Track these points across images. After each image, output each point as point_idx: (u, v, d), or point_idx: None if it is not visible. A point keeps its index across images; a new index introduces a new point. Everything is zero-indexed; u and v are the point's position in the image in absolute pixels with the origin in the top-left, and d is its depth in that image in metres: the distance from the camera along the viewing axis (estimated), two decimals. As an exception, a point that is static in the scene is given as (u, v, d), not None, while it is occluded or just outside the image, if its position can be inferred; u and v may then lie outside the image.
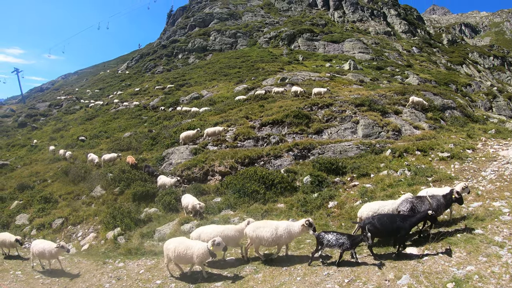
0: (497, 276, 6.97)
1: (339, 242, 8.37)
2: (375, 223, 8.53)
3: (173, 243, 9.37)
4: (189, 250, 9.08)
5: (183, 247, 9.14)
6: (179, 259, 9.29)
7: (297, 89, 27.79)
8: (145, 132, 28.04)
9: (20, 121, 49.85)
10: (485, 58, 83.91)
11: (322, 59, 54.73)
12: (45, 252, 11.17)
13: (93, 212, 16.47)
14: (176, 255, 9.17)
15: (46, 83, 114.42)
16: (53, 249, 11.08)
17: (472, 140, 18.36)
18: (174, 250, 9.20)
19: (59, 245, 11.09)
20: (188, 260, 9.18)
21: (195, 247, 9.07)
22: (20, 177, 23.77)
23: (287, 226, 9.27)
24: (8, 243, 13.38)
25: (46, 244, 11.37)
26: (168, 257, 9.44)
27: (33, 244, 11.74)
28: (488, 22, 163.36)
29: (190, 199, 13.74)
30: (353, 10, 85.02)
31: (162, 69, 66.61)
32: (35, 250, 11.46)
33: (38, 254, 11.44)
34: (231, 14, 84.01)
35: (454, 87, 45.88)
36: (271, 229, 9.22)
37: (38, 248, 11.34)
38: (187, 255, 9.08)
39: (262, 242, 9.32)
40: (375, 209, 9.71)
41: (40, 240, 12.25)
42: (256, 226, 9.43)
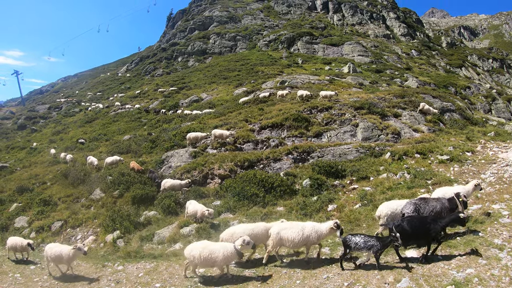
0: (496, 278, 6.96)
1: (368, 245, 8.08)
2: (405, 225, 8.33)
3: (197, 248, 9.13)
4: (214, 253, 8.92)
5: (207, 252, 8.96)
6: (205, 263, 9.09)
7: (303, 93, 27.33)
8: (144, 135, 28.04)
9: (19, 123, 49.80)
10: (484, 61, 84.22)
11: (322, 62, 54.79)
12: (62, 256, 10.82)
13: (93, 215, 16.45)
14: (203, 259, 8.97)
15: (46, 85, 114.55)
16: (70, 251, 10.74)
17: (472, 143, 18.37)
18: (199, 255, 8.99)
19: (75, 247, 10.73)
20: (214, 263, 9.00)
21: (221, 250, 8.93)
22: (20, 179, 23.74)
23: (314, 226, 9.08)
24: (19, 247, 13.13)
25: (63, 248, 11.00)
26: (193, 263, 9.23)
27: (48, 248, 11.31)
28: (487, 25, 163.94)
29: (197, 206, 13.37)
30: (352, 13, 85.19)
31: (162, 72, 66.69)
32: (50, 254, 11.05)
33: (54, 258, 11.03)
34: (230, 17, 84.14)
35: (453, 90, 45.93)
36: (297, 230, 9.03)
37: (54, 252, 10.96)
38: (212, 259, 8.92)
39: (287, 244, 9.11)
40: (394, 208, 9.70)
41: (54, 243, 11.86)
42: (282, 227, 9.24)
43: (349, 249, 8.26)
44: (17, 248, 13.23)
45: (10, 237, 13.82)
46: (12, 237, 13.68)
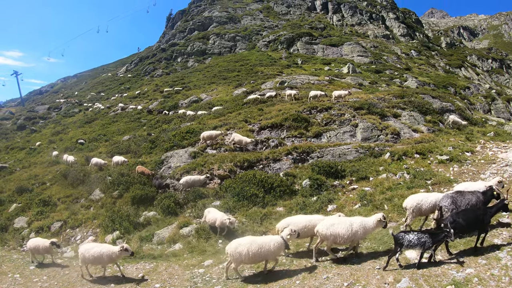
0: (496, 278, 6.95)
1: (421, 242, 7.87)
2: (460, 220, 8.25)
3: (244, 244, 8.77)
4: (265, 247, 8.73)
5: (256, 246, 8.70)
6: (254, 259, 8.83)
7: (316, 93, 26.93)
8: (144, 135, 28.03)
9: (19, 123, 49.76)
10: (484, 61, 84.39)
11: (321, 62, 54.84)
12: (103, 257, 10.03)
13: (92, 215, 16.42)
14: (252, 255, 8.68)
15: (45, 86, 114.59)
16: (115, 252, 9.97)
17: (471, 143, 18.40)
18: (247, 251, 8.67)
19: (122, 248, 9.89)
20: (266, 256, 8.84)
21: (271, 242, 8.80)
22: (19, 180, 23.70)
23: (362, 221, 8.96)
24: (42, 249, 12.19)
25: (104, 248, 10.20)
26: (238, 260, 8.86)
27: (84, 249, 10.41)
28: (486, 25, 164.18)
29: (217, 214, 12.43)
30: (351, 14, 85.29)
31: (161, 73, 66.70)
32: (88, 255, 10.19)
33: (93, 259, 10.22)
34: (230, 18, 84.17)
35: (452, 90, 46.02)
36: (346, 225, 8.88)
37: (94, 253, 10.12)
38: (263, 253, 8.72)
39: (337, 240, 8.93)
40: (419, 200, 9.77)
41: (92, 243, 11.14)
42: (330, 223, 9.05)
43: (400, 247, 8.03)
44: (40, 250, 12.28)
45: (30, 239, 13.02)
46: (33, 239, 12.87)
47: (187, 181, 16.47)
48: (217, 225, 12.34)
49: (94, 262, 10.39)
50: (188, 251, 11.72)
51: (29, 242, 12.75)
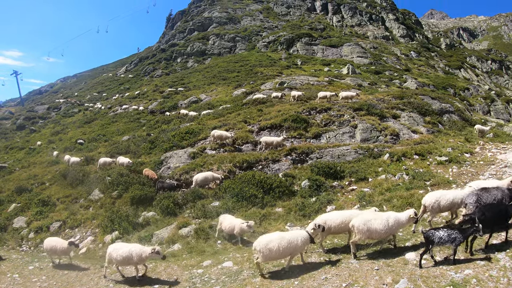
0: (495, 279, 6.97)
1: (452, 238, 7.82)
2: (488, 214, 8.28)
3: (275, 240, 8.76)
4: (293, 242, 8.79)
5: (286, 242, 8.74)
6: (283, 254, 8.88)
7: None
8: (143, 135, 28.03)
9: (18, 123, 49.72)
10: (483, 62, 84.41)
11: (321, 63, 54.89)
12: (133, 257, 9.63)
13: (91, 215, 16.43)
14: (282, 250, 8.73)
15: (45, 85, 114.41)
16: (146, 253, 9.57)
17: (470, 144, 18.42)
18: (278, 247, 8.68)
19: (154, 250, 9.49)
20: (294, 251, 8.91)
21: (298, 237, 8.89)
22: (18, 179, 23.69)
23: (396, 216, 8.99)
24: (60, 250, 11.76)
25: (133, 248, 9.78)
26: (268, 257, 8.83)
27: (112, 249, 10.06)
28: (486, 26, 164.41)
29: (234, 221, 11.74)
30: (351, 15, 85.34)
31: (161, 73, 66.69)
32: (116, 255, 9.82)
33: (121, 260, 9.82)
34: (230, 18, 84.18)
35: (452, 91, 46.07)
36: (382, 220, 8.89)
37: (122, 253, 9.73)
38: (291, 247, 8.78)
39: (373, 235, 8.93)
40: (437, 197, 9.84)
41: (120, 243, 10.67)
42: (366, 219, 9.03)
43: (431, 244, 7.98)
44: (57, 251, 11.80)
45: (47, 239, 12.39)
46: (50, 238, 12.32)
47: (196, 178, 16.46)
48: (236, 233, 11.63)
49: (122, 263, 10.01)
50: (187, 252, 11.72)
51: (45, 242, 12.22)
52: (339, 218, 9.62)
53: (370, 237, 9.02)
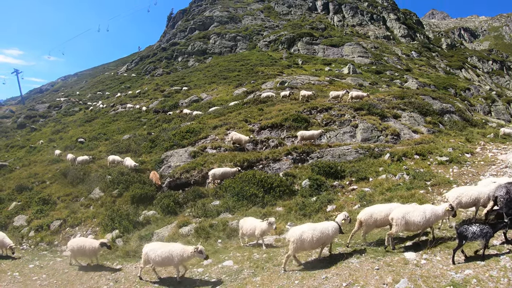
0: (495, 280, 6.97)
1: (484, 233, 7.79)
2: None
3: (308, 231, 8.91)
4: (325, 232, 8.97)
5: (319, 232, 8.94)
6: (316, 244, 9.06)
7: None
8: (144, 134, 28.05)
9: (19, 122, 49.73)
10: (484, 63, 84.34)
11: (322, 63, 54.88)
12: (173, 258, 9.15)
13: (92, 214, 16.45)
14: (315, 241, 8.91)
15: (46, 84, 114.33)
16: (187, 253, 9.14)
17: (471, 144, 18.41)
18: (312, 237, 8.84)
19: (196, 249, 9.05)
20: (326, 241, 9.12)
21: (330, 227, 9.09)
22: (19, 178, 23.71)
23: (433, 209, 9.04)
24: (89, 251, 11.14)
25: (173, 248, 9.30)
26: (300, 248, 8.98)
27: (149, 249, 9.53)
28: (487, 27, 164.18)
29: (256, 222, 11.17)
30: (352, 14, 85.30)
31: (162, 72, 66.67)
32: (154, 255, 9.30)
33: (160, 261, 9.31)
34: (231, 18, 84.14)
35: (453, 91, 46.03)
36: (420, 213, 8.94)
37: (161, 253, 9.24)
38: (323, 238, 8.97)
39: (410, 227, 8.99)
40: (460, 193, 9.95)
41: (158, 242, 10.10)
42: (405, 211, 9.06)
43: (465, 240, 7.93)
44: (86, 252, 11.20)
45: (74, 239, 11.91)
46: (78, 239, 11.80)
47: (214, 173, 16.50)
48: (257, 234, 10.93)
49: (161, 264, 9.47)
50: (187, 251, 11.71)
51: (71, 243, 11.58)
52: (383, 211, 9.65)
53: (407, 229, 9.11)
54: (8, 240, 13.22)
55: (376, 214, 9.58)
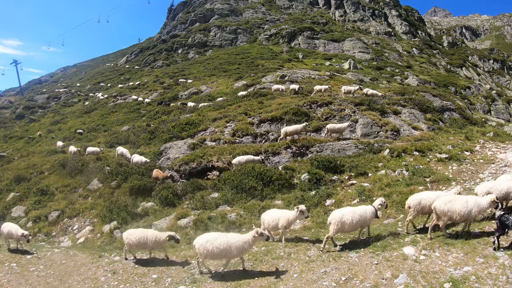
0: (494, 277, 6.96)
1: None
2: None
3: (348, 214, 9.33)
4: (363, 215, 9.40)
5: (358, 215, 9.34)
6: (355, 226, 9.43)
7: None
8: (143, 126, 27.95)
9: (18, 113, 49.53)
10: (485, 62, 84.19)
11: (322, 57, 54.69)
12: (232, 249, 8.62)
13: (90, 205, 16.40)
14: (355, 223, 9.30)
15: (45, 75, 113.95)
16: (248, 242, 8.67)
17: (471, 142, 18.38)
18: (352, 220, 9.25)
19: (257, 233, 8.62)
20: (364, 223, 9.53)
21: (368, 211, 9.54)
22: (17, 169, 23.61)
23: (476, 200, 8.94)
24: (152, 243, 10.24)
25: (231, 239, 8.71)
26: (340, 230, 9.36)
27: (205, 240, 8.80)
28: (489, 26, 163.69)
29: (279, 213, 10.64)
30: (354, 10, 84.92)
31: (162, 64, 66.40)
32: (212, 247, 8.64)
33: (218, 253, 8.66)
34: (232, 10, 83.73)
35: (453, 89, 45.93)
36: (462, 202, 8.84)
37: (219, 245, 8.59)
38: (362, 220, 9.39)
39: (454, 216, 8.86)
40: (490, 187, 10.06)
41: (212, 233, 9.16)
42: (448, 200, 9.00)
43: (507, 229, 7.91)
44: (148, 245, 10.33)
45: (128, 230, 10.95)
46: (135, 230, 10.82)
47: (240, 160, 16.53)
48: (281, 226, 10.34)
49: (218, 256, 8.79)
50: (185, 243, 11.71)
51: (129, 235, 10.62)
52: (432, 197, 9.69)
53: (450, 219, 9.02)
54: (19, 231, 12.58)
55: (425, 201, 9.67)
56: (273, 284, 8.02)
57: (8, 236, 12.74)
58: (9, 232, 12.66)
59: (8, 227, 12.80)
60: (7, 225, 13.00)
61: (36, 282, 10.18)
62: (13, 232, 12.55)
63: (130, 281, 9.41)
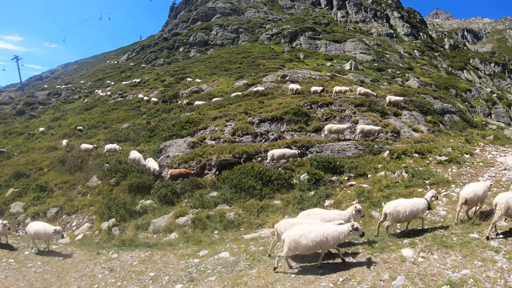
0: (492, 280, 6.95)
1: None
2: None
3: (402, 204, 9.63)
4: (416, 206, 9.60)
5: (411, 205, 9.59)
6: (409, 216, 9.62)
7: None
8: (143, 124, 27.93)
9: (18, 109, 49.50)
10: (486, 65, 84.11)
11: (323, 58, 54.68)
12: (328, 240, 8.20)
13: (89, 202, 16.40)
14: (408, 213, 9.51)
15: (46, 71, 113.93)
16: (344, 232, 8.37)
17: (470, 145, 18.35)
18: (405, 209, 9.50)
19: (352, 227, 8.34)
20: (417, 214, 9.66)
21: (420, 202, 9.73)
22: (16, 165, 23.61)
23: None
24: None
25: (328, 230, 8.32)
26: (396, 219, 9.60)
27: (295, 235, 8.22)
28: (490, 29, 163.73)
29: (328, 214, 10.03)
30: (356, 11, 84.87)
31: (163, 62, 66.35)
32: (306, 241, 8.13)
33: (313, 246, 8.18)
34: (234, 9, 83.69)
35: (454, 92, 45.91)
36: None
37: (314, 237, 8.12)
38: (415, 211, 9.58)
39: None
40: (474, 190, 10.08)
41: (307, 225, 8.62)
42: (509, 196, 8.83)
43: None
44: None
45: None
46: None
47: (274, 154, 16.58)
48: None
49: (312, 249, 8.30)
50: (183, 241, 11.69)
51: None
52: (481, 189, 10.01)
53: (508, 215, 8.90)
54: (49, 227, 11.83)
55: (478, 192, 9.89)
56: (271, 284, 8.00)
57: (36, 236, 11.93)
58: (37, 231, 11.82)
59: (36, 226, 11.96)
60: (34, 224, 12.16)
61: (34, 278, 10.17)
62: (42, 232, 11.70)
63: (128, 279, 9.39)
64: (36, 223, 12.34)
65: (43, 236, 11.86)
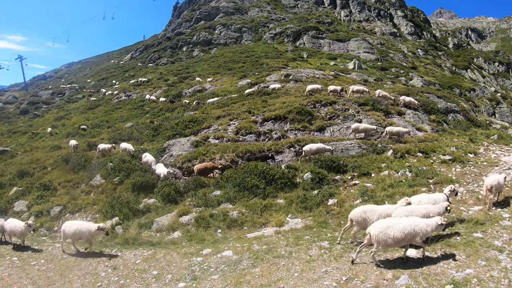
0: (496, 280, 6.92)
1: None
2: None
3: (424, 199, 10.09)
4: (437, 201, 9.88)
5: (432, 200, 9.99)
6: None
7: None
8: (147, 123, 28.00)
9: (22, 108, 49.68)
10: (490, 64, 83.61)
11: (327, 57, 54.55)
12: (418, 233, 7.90)
13: (92, 201, 16.44)
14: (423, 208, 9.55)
15: (49, 71, 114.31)
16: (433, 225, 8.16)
17: (474, 145, 18.27)
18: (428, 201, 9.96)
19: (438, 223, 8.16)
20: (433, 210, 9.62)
21: (440, 196, 10.11)
22: (20, 163, 23.71)
23: None
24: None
25: (414, 221, 8.06)
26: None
27: (382, 227, 8.00)
28: (494, 28, 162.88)
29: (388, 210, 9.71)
30: (359, 10, 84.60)
31: (166, 61, 66.41)
32: (394, 233, 7.85)
33: (401, 239, 7.88)
34: (237, 9, 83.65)
35: (458, 91, 45.75)
36: None
37: (403, 228, 7.86)
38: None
39: None
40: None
41: (387, 219, 8.47)
42: None
43: None
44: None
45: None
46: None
47: (311, 148, 16.83)
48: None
49: (401, 242, 8.01)
50: (186, 240, 11.70)
51: None
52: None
53: None
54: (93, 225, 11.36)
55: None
56: (274, 282, 8.00)
57: (75, 236, 11.40)
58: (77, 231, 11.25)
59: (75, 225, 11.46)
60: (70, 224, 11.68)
61: (37, 276, 10.20)
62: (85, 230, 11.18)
63: (131, 277, 9.41)
64: (72, 222, 11.80)
65: (85, 235, 11.22)
